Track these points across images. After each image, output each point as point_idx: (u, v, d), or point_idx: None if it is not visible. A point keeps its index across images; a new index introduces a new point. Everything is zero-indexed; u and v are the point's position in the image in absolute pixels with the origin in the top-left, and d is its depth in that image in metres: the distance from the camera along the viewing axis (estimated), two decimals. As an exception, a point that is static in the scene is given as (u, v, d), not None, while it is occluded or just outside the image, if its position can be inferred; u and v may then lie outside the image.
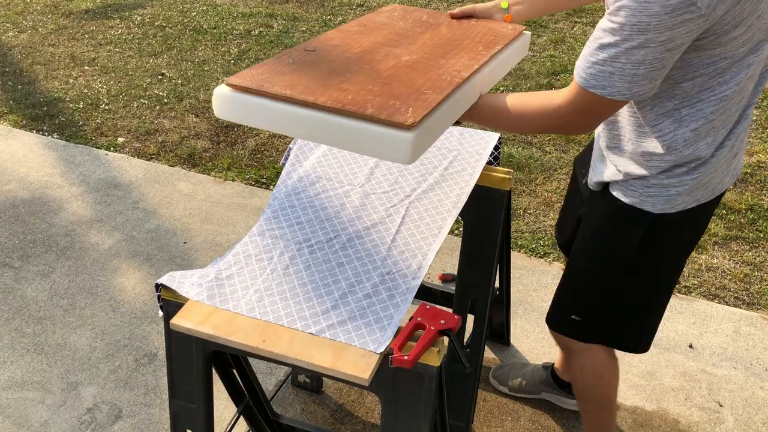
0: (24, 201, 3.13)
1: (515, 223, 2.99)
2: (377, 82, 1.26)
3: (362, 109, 1.14)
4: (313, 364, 1.23)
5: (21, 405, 2.18)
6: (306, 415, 2.15)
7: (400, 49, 1.44)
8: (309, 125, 1.17)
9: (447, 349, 1.26)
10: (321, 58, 1.35)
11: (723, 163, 1.43)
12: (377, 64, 1.35)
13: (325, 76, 1.26)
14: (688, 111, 1.33)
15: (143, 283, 2.66)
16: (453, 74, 1.34)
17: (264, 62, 1.34)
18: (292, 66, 1.31)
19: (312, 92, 1.19)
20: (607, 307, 1.62)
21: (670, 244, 1.53)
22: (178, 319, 1.32)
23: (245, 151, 3.55)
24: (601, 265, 1.58)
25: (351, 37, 1.49)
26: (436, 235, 1.55)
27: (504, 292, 2.23)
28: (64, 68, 4.43)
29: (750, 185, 3.24)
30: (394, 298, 1.36)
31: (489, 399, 2.21)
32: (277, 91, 1.19)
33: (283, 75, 1.27)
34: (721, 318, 2.51)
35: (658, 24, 1.12)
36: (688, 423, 2.13)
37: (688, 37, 1.16)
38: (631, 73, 1.18)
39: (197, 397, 1.48)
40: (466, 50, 1.48)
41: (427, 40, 1.52)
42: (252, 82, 1.23)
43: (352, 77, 1.27)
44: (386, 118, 1.12)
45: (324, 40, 1.47)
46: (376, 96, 1.19)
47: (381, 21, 1.63)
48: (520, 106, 1.36)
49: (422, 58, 1.40)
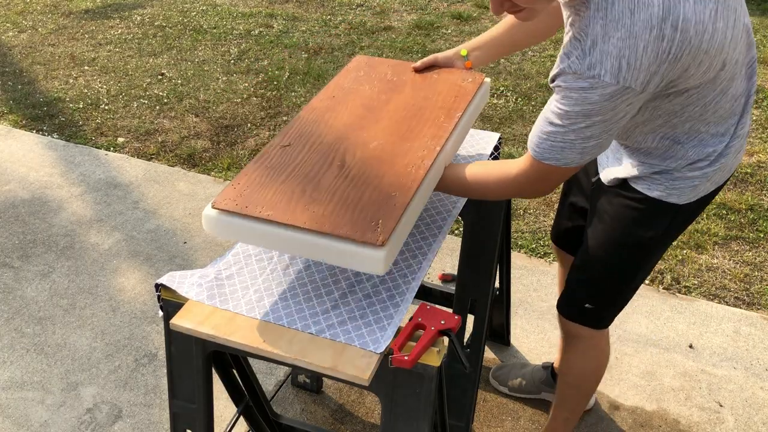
0: (24, 201, 3.13)
1: (515, 223, 2.99)
2: (350, 188, 1.36)
3: (337, 229, 1.25)
4: (313, 364, 1.23)
5: (21, 405, 2.18)
6: (306, 415, 2.15)
7: (367, 131, 1.53)
8: (291, 244, 1.28)
9: (447, 349, 1.26)
10: (295, 158, 1.45)
11: (737, 147, 1.47)
12: (349, 158, 1.45)
13: (302, 186, 1.36)
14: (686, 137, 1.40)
15: (143, 283, 2.66)
16: (417, 165, 1.42)
17: (246, 169, 1.42)
18: (270, 173, 1.40)
19: (292, 212, 1.29)
20: (621, 292, 1.68)
21: (683, 228, 1.60)
22: (178, 319, 1.32)
23: (245, 151, 3.55)
24: (620, 256, 1.62)
25: (322, 119, 1.59)
26: (436, 235, 1.55)
27: (504, 292, 2.23)
28: (64, 68, 4.43)
29: (750, 185, 3.24)
30: (394, 298, 1.36)
31: (489, 399, 2.21)
32: (259, 214, 1.29)
33: (264, 189, 1.36)
34: (721, 318, 2.51)
35: (600, 109, 1.20)
36: (688, 423, 2.13)
37: (634, 107, 1.23)
38: (581, 146, 1.26)
39: (197, 397, 1.48)
40: (430, 122, 1.56)
41: (392, 113, 1.60)
42: (236, 204, 1.31)
43: (326, 184, 1.37)
44: (359, 239, 1.23)
45: (298, 129, 1.55)
46: (349, 209, 1.30)
47: (348, 87, 1.72)
48: (480, 177, 1.44)
49: (388, 142, 1.49)
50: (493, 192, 1.45)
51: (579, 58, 1.18)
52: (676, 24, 1.13)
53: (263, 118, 3.85)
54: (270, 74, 4.32)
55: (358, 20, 5.16)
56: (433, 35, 4.89)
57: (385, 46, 4.70)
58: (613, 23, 1.15)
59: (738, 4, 1.26)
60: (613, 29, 1.15)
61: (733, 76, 1.31)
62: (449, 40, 4.83)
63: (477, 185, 1.45)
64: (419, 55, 4.56)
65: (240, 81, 4.26)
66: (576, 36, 1.20)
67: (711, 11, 1.16)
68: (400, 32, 4.95)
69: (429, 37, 4.87)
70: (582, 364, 1.83)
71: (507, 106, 3.93)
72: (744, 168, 3.35)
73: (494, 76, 4.27)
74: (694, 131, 1.39)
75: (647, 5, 1.13)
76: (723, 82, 1.30)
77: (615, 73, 1.16)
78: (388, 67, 1.81)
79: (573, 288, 1.73)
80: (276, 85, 4.19)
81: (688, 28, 1.14)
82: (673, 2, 1.13)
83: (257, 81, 4.25)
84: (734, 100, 1.36)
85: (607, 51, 1.15)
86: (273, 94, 4.10)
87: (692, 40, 1.15)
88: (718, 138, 1.41)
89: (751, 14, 5.38)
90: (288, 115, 3.88)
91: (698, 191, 1.49)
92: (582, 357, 1.82)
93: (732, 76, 1.31)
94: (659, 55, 1.15)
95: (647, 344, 2.40)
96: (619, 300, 1.71)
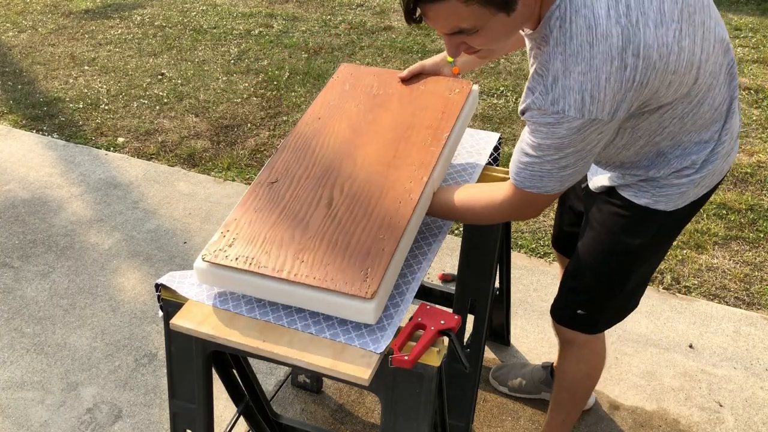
0: (24, 201, 3.13)
1: (515, 223, 2.99)
2: (338, 231, 1.36)
3: (327, 282, 1.26)
4: (313, 364, 1.23)
5: (21, 405, 2.18)
6: (306, 415, 2.15)
7: (354, 159, 1.52)
8: (282, 295, 1.30)
9: (447, 349, 1.26)
10: (284, 197, 1.45)
11: (726, 151, 1.46)
12: (337, 194, 1.44)
13: (290, 231, 1.37)
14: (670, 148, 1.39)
15: (143, 283, 2.66)
16: (405, 199, 1.42)
17: (234, 212, 1.42)
18: (259, 216, 1.41)
19: (282, 263, 1.30)
20: (611, 298, 1.66)
21: (676, 233, 1.58)
22: (177, 319, 1.32)
23: (245, 151, 3.55)
24: (609, 263, 1.61)
25: (309, 147, 1.57)
26: (436, 235, 1.55)
27: (504, 292, 2.23)
28: (64, 68, 4.43)
29: (750, 185, 3.24)
30: (394, 298, 1.36)
31: (489, 399, 2.21)
32: (249, 267, 1.30)
33: (253, 235, 1.36)
34: (721, 318, 2.51)
35: (570, 142, 1.20)
36: (688, 423, 2.13)
37: (606, 134, 1.23)
38: (559, 175, 1.27)
39: (197, 397, 1.48)
40: (417, 146, 1.54)
41: (379, 135, 1.58)
42: (226, 257, 1.32)
43: (315, 226, 1.38)
44: (348, 292, 1.24)
45: (285, 161, 1.54)
46: (338, 256, 1.31)
47: (334, 105, 1.69)
48: (468, 204, 1.45)
49: (375, 172, 1.49)
50: (481, 217, 1.45)
51: (542, 93, 1.19)
52: (638, 52, 1.13)
53: (263, 118, 3.85)
54: (270, 74, 4.32)
55: (358, 20, 5.17)
56: (433, 35, 4.89)
57: (385, 46, 4.71)
58: (572, 58, 1.15)
59: (706, 17, 1.26)
60: (573, 64, 1.15)
61: (710, 86, 1.31)
62: (449, 40, 4.82)
63: (466, 211, 1.46)
64: (419, 56, 4.56)
65: (240, 81, 4.26)
66: (538, 71, 1.20)
67: (674, 32, 1.16)
68: (400, 32, 4.95)
69: (429, 37, 4.86)
70: (576, 368, 1.82)
71: (507, 106, 3.93)
72: (744, 168, 3.35)
73: (494, 76, 4.27)
74: (677, 142, 1.38)
75: (606, 37, 1.13)
76: (699, 94, 1.29)
77: (579, 108, 1.16)
78: (374, 77, 1.77)
79: (565, 294, 1.73)
80: (276, 85, 4.19)
81: (651, 54, 1.14)
82: (633, 30, 1.13)
83: (257, 81, 4.25)
84: (714, 110, 1.36)
85: (569, 86, 1.15)
86: (273, 94, 4.10)
87: (656, 64, 1.15)
88: (702, 145, 1.39)
89: (751, 14, 5.38)
90: (288, 115, 3.88)
91: (687, 197, 1.48)
92: (577, 361, 1.81)
93: (709, 87, 1.30)
94: (623, 84, 1.15)
95: (647, 344, 2.40)
96: (613, 306, 1.69)
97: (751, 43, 4.79)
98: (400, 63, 4.47)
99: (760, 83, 4.20)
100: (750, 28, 5.06)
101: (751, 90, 4.12)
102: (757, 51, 4.66)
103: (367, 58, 4.54)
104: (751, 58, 4.54)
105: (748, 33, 4.97)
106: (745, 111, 3.90)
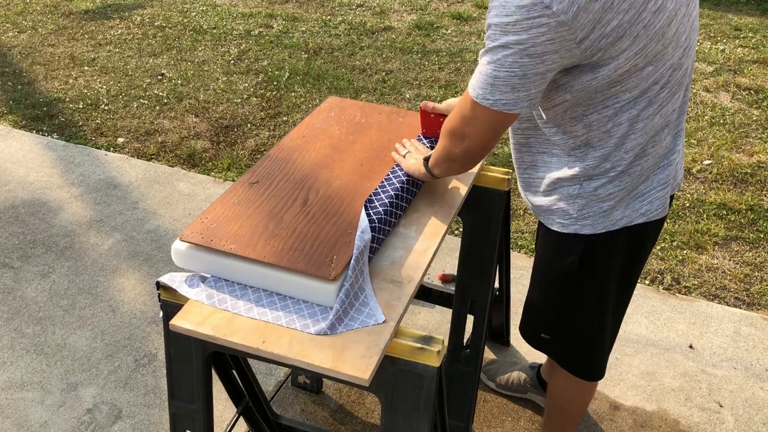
0: (24, 201, 3.13)
1: (515, 223, 2.99)
2: (310, 224, 1.46)
3: (294, 264, 1.34)
4: (312, 365, 1.23)
5: (21, 405, 2.18)
6: (306, 416, 2.15)
7: (331, 170, 1.65)
8: (252, 276, 1.38)
9: (447, 349, 1.26)
10: (262, 194, 1.56)
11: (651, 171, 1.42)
12: (312, 196, 1.55)
13: (265, 221, 1.47)
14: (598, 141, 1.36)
15: (143, 284, 2.66)
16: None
17: (215, 203, 1.52)
18: (237, 208, 1.51)
19: (254, 247, 1.39)
20: (564, 325, 1.62)
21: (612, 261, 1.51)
22: (177, 320, 1.32)
23: (245, 151, 3.55)
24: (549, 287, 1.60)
25: (291, 158, 1.70)
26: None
27: (504, 293, 2.23)
28: (64, 68, 4.43)
29: (750, 185, 3.24)
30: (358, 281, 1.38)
31: (489, 399, 2.21)
32: (223, 247, 1.39)
33: (230, 222, 1.46)
34: (721, 318, 2.51)
35: (515, 23, 1.15)
36: (688, 423, 2.13)
37: (550, 45, 1.17)
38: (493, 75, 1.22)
39: (197, 397, 1.48)
40: (391, 163, 1.68)
41: (357, 153, 1.72)
42: (202, 238, 1.41)
43: (288, 220, 1.47)
44: (314, 273, 1.32)
45: (267, 167, 1.66)
46: (307, 245, 1.40)
47: (319, 126, 1.85)
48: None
49: (350, 181, 1.61)
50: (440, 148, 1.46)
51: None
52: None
53: (263, 119, 3.85)
54: (270, 74, 4.33)
55: (358, 20, 5.17)
56: (433, 35, 4.89)
57: (385, 47, 4.71)
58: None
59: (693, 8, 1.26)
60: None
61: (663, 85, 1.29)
62: (449, 40, 4.83)
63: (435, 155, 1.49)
64: (419, 56, 4.57)
65: (240, 81, 4.26)
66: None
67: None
68: (400, 32, 4.95)
69: (429, 37, 4.87)
70: (565, 386, 1.79)
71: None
72: (744, 168, 3.35)
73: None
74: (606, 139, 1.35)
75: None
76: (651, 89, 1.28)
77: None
78: (357, 109, 1.94)
79: (524, 315, 1.72)
80: (276, 86, 4.19)
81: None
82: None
83: (257, 81, 4.25)
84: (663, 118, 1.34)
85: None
86: (273, 94, 4.11)
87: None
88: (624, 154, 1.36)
89: (751, 14, 5.39)
90: (288, 115, 3.88)
91: (613, 218, 1.43)
92: (564, 379, 1.76)
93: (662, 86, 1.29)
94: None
95: (647, 344, 2.40)
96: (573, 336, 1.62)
97: (751, 44, 4.79)
98: (400, 63, 4.47)
99: (760, 83, 4.20)
100: (750, 28, 5.07)
101: (751, 90, 4.12)
102: (757, 51, 4.66)
103: (367, 59, 4.54)
104: (751, 58, 4.54)
105: (748, 33, 4.97)
106: (745, 111, 3.90)
